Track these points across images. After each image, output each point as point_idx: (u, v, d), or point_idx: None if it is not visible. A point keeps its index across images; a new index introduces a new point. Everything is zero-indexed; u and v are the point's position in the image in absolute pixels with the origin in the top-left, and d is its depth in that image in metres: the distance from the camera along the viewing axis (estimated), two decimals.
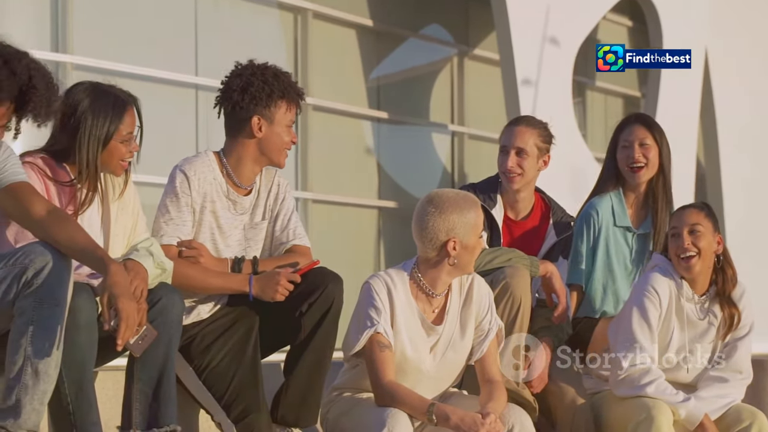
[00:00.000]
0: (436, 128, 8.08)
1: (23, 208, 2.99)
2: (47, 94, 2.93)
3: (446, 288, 3.44)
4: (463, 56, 8.22)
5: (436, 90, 8.10)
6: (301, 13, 7.15)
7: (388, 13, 7.66)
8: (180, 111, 6.50)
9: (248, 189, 3.63)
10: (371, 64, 7.63)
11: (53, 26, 6.02)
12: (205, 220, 3.54)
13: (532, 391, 3.78)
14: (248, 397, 3.43)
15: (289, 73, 3.61)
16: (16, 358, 2.88)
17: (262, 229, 3.65)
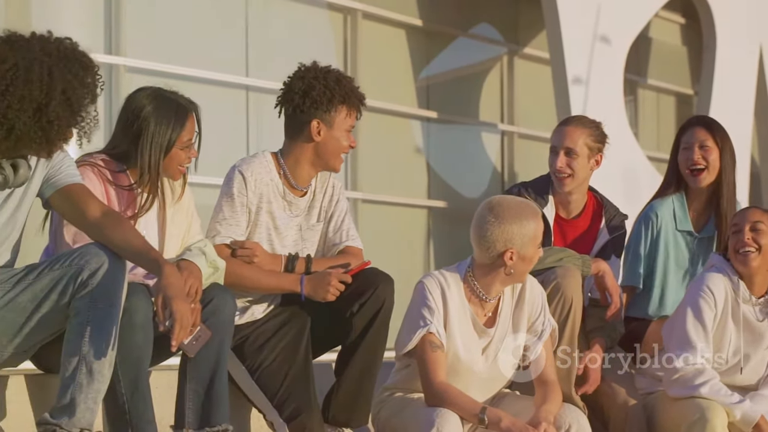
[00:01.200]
0: (486, 127, 8.05)
1: (79, 210, 3.03)
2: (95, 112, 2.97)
3: (499, 293, 3.42)
4: (513, 55, 8.18)
5: (485, 89, 8.07)
6: (351, 14, 7.16)
7: (438, 13, 7.65)
8: (231, 112, 6.54)
9: (304, 190, 3.64)
10: (420, 64, 7.62)
11: (106, 29, 6.08)
12: (261, 220, 3.56)
13: (584, 392, 3.76)
14: (300, 397, 3.45)
15: (351, 78, 3.62)
16: (71, 358, 2.92)
17: (318, 231, 3.66)
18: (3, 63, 2.84)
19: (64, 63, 2.89)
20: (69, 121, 2.89)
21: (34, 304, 2.95)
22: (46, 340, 3.03)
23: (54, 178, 3.05)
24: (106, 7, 6.08)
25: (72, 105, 2.88)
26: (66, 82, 2.87)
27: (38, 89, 2.84)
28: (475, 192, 7.92)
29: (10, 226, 3.03)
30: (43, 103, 2.85)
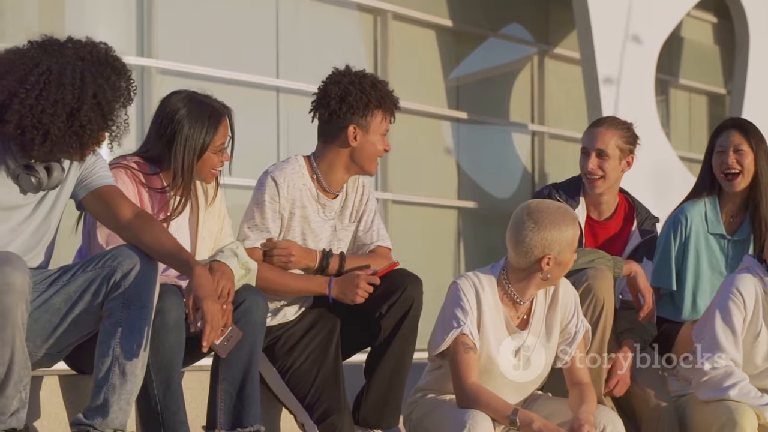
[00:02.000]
0: (516, 128, 8.03)
1: (111, 212, 3.05)
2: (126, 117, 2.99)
3: (533, 296, 3.42)
4: (544, 55, 8.15)
5: (516, 89, 8.05)
6: (381, 15, 7.17)
7: (468, 13, 7.63)
8: (262, 113, 6.57)
9: (336, 193, 3.65)
10: (450, 65, 7.61)
11: (138, 32, 6.13)
12: (295, 225, 3.57)
13: (615, 394, 3.74)
14: (330, 398, 3.45)
15: (385, 82, 3.62)
16: (104, 359, 2.94)
17: (350, 231, 3.68)
18: (36, 67, 2.87)
19: (96, 67, 2.91)
20: (100, 125, 2.91)
21: (68, 306, 2.97)
22: (80, 341, 3.05)
23: (87, 180, 3.08)
24: (138, 9, 6.12)
25: (103, 109, 2.90)
26: (97, 86, 2.89)
27: (70, 93, 2.87)
28: (506, 193, 7.90)
29: (44, 228, 3.06)
30: (75, 107, 2.87)
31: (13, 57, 2.89)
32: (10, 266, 2.72)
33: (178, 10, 6.26)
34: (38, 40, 2.95)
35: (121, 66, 2.95)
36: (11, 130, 2.86)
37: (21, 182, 2.97)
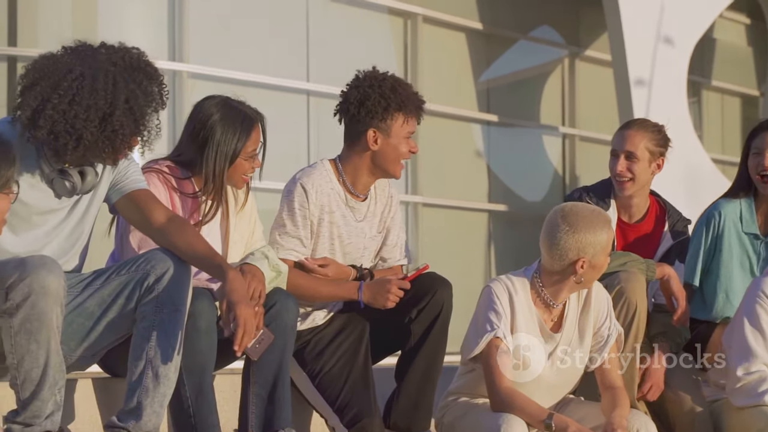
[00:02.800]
0: (547, 130, 8.00)
1: (144, 215, 3.07)
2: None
3: (566, 299, 3.40)
4: (574, 57, 8.12)
5: (546, 92, 8.02)
6: (411, 18, 7.17)
7: (498, 16, 7.62)
8: (292, 117, 6.58)
9: (363, 197, 3.65)
10: (481, 67, 7.60)
11: (170, 36, 6.16)
12: (324, 230, 3.57)
13: (648, 398, 3.72)
14: (360, 402, 3.45)
15: (408, 84, 3.60)
16: (138, 362, 2.95)
17: (377, 241, 3.68)
18: (70, 72, 2.89)
19: (129, 72, 2.92)
20: (132, 129, 2.92)
21: (102, 309, 2.98)
22: (113, 344, 3.06)
23: (120, 184, 3.10)
24: (169, 14, 6.16)
25: (135, 114, 2.91)
26: (129, 91, 2.91)
27: (103, 98, 2.88)
28: (536, 195, 7.88)
29: (77, 232, 3.08)
30: (108, 112, 2.89)
31: (47, 63, 2.91)
32: (46, 270, 2.74)
33: (209, 14, 6.29)
34: (72, 46, 2.96)
35: (153, 71, 2.97)
36: (45, 135, 2.88)
37: (55, 187, 2.99)
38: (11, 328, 2.73)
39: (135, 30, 6.08)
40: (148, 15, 6.17)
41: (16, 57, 5.85)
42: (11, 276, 2.72)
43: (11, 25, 5.88)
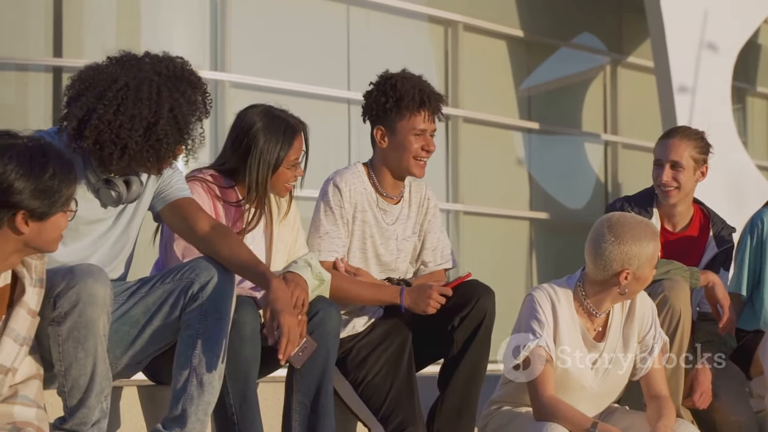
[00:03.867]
0: (589, 138, 7.96)
1: (188, 224, 3.09)
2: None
3: (609, 308, 3.38)
4: (617, 64, 8.07)
5: (588, 99, 7.98)
6: (452, 26, 7.17)
7: (539, 23, 7.60)
8: (333, 125, 6.61)
9: (396, 198, 3.65)
10: (522, 75, 7.58)
11: (212, 46, 6.21)
12: (357, 230, 3.58)
13: (698, 407, 3.68)
14: (405, 410, 3.45)
15: (417, 80, 3.58)
16: (183, 370, 2.97)
17: (411, 243, 3.67)
18: (114, 83, 2.91)
19: (173, 82, 2.94)
20: (177, 139, 2.94)
21: (147, 317, 3.00)
22: (158, 352, 3.08)
23: (164, 192, 3.12)
24: (212, 24, 6.20)
25: (179, 123, 2.93)
26: (173, 100, 2.93)
27: (147, 108, 2.90)
28: (578, 203, 7.84)
29: (122, 241, 3.10)
30: (152, 122, 2.91)
31: (92, 73, 2.94)
32: (93, 278, 2.76)
33: (250, 24, 6.34)
34: (116, 56, 2.99)
35: (196, 80, 2.99)
36: (90, 145, 2.90)
37: (101, 196, 3.02)
38: (59, 336, 2.75)
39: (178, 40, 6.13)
40: (191, 25, 6.22)
41: (61, 68, 5.92)
42: (59, 285, 2.75)
43: (56, 36, 5.95)
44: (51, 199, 2.58)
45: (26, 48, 5.95)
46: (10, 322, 2.66)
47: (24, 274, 2.69)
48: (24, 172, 2.54)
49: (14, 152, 2.55)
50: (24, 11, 5.92)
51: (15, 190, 2.54)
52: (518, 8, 7.51)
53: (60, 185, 2.58)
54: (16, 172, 2.53)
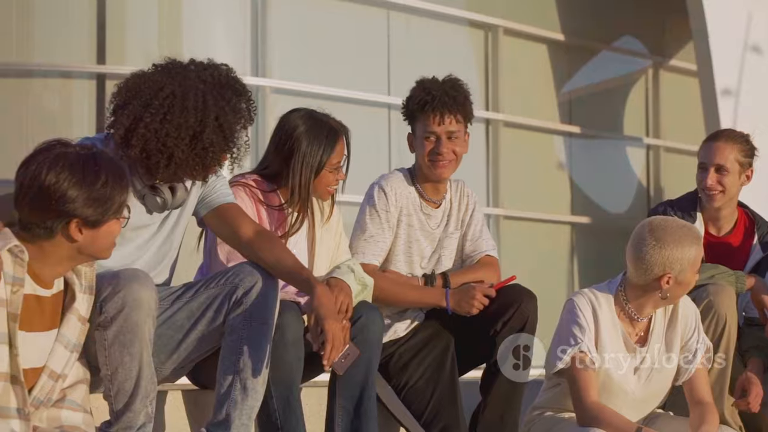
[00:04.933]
0: (631, 141, 7.91)
1: (232, 229, 3.10)
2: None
3: (651, 313, 3.36)
4: (659, 67, 8.02)
5: (630, 102, 7.93)
6: (492, 30, 7.15)
7: (579, 27, 7.56)
8: (374, 130, 6.62)
9: (438, 203, 3.65)
10: (562, 79, 7.55)
11: (253, 52, 6.25)
12: (401, 233, 3.59)
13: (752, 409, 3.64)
14: (448, 415, 3.44)
15: (433, 82, 3.58)
16: (227, 375, 2.98)
17: (455, 239, 3.67)
18: (161, 91, 2.93)
19: (218, 90, 2.96)
20: (222, 147, 2.96)
21: (191, 322, 3.02)
22: (202, 356, 3.10)
23: (208, 198, 3.14)
24: (252, 30, 6.24)
25: (225, 131, 2.95)
26: (219, 108, 2.94)
27: (193, 117, 2.92)
28: (620, 207, 7.79)
29: (167, 246, 3.12)
30: (198, 130, 2.92)
31: (138, 81, 2.96)
32: (138, 283, 2.78)
33: (291, 29, 6.36)
34: (162, 63, 3.01)
35: (241, 87, 3.00)
36: (137, 153, 2.92)
37: (147, 202, 3.04)
38: (105, 340, 2.78)
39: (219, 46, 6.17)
40: (232, 31, 6.26)
41: (104, 74, 5.98)
42: (105, 289, 2.77)
43: (100, 43, 6.01)
44: (104, 207, 2.60)
45: (70, 55, 6.01)
46: (61, 329, 2.69)
47: (74, 281, 2.72)
48: (77, 180, 2.56)
49: (67, 161, 2.57)
50: (67, 19, 5.99)
51: (68, 198, 2.56)
52: (558, 11, 7.48)
53: (112, 192, 2.60)
54: (69, 180, 2.56)
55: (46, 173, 2.55)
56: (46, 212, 2.56)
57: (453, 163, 3.57)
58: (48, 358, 2.67)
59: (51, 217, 2.57)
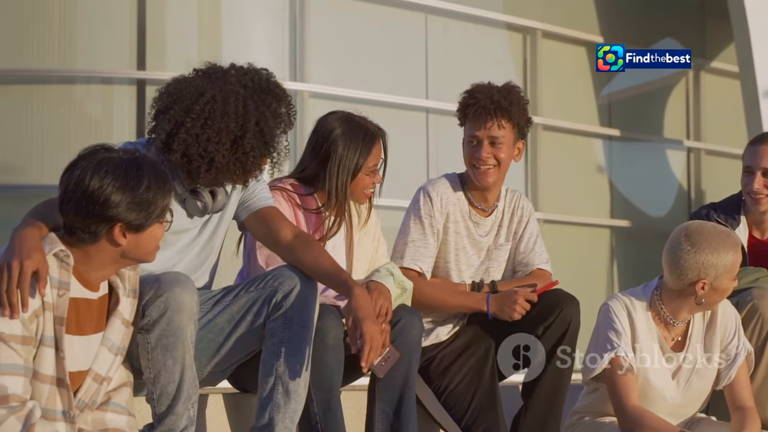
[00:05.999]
0: (671, 144, 7.85)
1: (271, 232, 3.11)
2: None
3: (687, 318, 3.33)
4: (699, 69, 7.95)
5: (670, 105, 7.88)
6: (530, 33, 7.13)
7: (619, 29, 7.52)
8: (411, 134, 6.61)
9: (489, 211, 3.63)
10: (602, 81, 7.51)
11: (291, 56, 6.27)
12: (449, 240, 3.57)
13: None
14: (488, 419, 3.43)
15: (502, 86, 3.54)
16: (268, 378, 2.98)
17: (506, 251, 3.64)
18: (202, 96, 2.94)
19: (258, 95, 2.96)
20: (262, 151, 2.97)
21: (231, 325, 3.03)
22: (243, 359, 3.10)
23: (248, 202, 3.15)
24: (290, 35, 6.27)
25: (265, 136, 2.96)
26: (259, 113, 2.95)
27: (234, 122, 2.93)
28: (660, 211, 7.73)
29: (207, 250, 3.14)
30: (239, 135, 2.93)
31: (179, 86, 2.98)
32: (180, 286, 2.80)
33: (329, 34, 6.38)
34: (203, 68, 3.02)
35: (281, 92, 3.01)
36: (179, 158, 2.94)
37: (188, 206, 3.06)
38: (148, 343, 2.79)
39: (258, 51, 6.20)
40: (271, 36, 6.29)
41: (144, 80, 6.03)
42: (147, 293, 2.79)
43: (140, 49, 6.06)
44: (147, 211, 2.62)
45: (111, 61, 6.07)
46: (106, 332, 2.71)
47: (118, 285, 2.74)
48: (120, 185, 2.58)
49: (110, 166, 2.59)
50: (108, 26, 6.05)
51: (112, 203, 2.58)
52: (597, 14, 7.44)
53: (155, 197, 2.62)
54: (112, 185, 2.58)
55: (89, 178, 2.57)
56: (90, 217, 2.58)
57: (495, 170, 3.52)
58: (93, 361, 2.69)
59: (95, 222, 2.59)
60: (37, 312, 2.56)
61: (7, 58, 5.99)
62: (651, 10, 7.69)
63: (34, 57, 5.99)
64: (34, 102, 6.01)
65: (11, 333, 2.52)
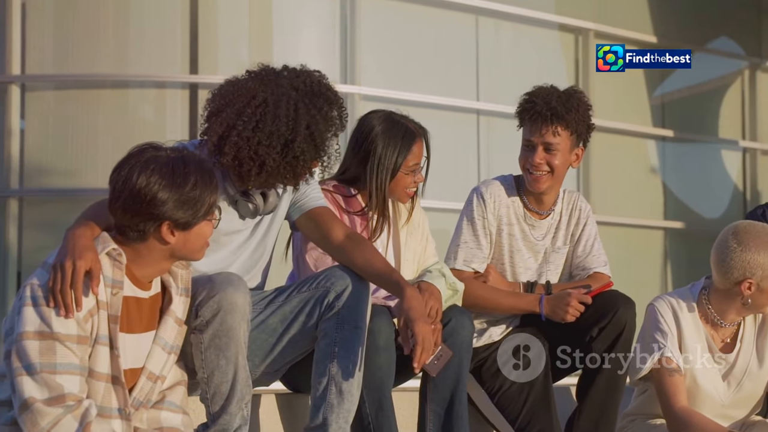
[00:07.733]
0: (726, 145, 7.74)
1: (323, 233, 3.11)
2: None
3: (736, 320, 3.27)
4: (756, 68, 7.84)
5: (725, 105, 7.77)
6: (583, 34, 7.08)
7: (672, 28, 7.44)
8: (462, 136, 6.60)
9: (546, 213, 3.60)
10: (655, 81, 7.43)
11: (342, 58, 6.28)
12: (503, 242, 3.55)
13: None
14: (542, 421, 3.41)
15: (562, 92, 3.49)
16: (322, 378, 2.99)
17: (563, 254, 3.61)
18: (253, 99, 2.95)
19: (310, 98, 2.96)
20: (313, 155, 2.97)
21: (284, 326, 3.04)
22: (295, 360, 3.11)
23: (300, 202, 3.15)
24: (341, 37, 6.28)
25: (315, 140, 2.95)
26: (310, 117, 2.94)
27: (285, 125, 2.93)
28: (715, 212, 7.63)
29: (260, 251, 3.15)
30: (290, 138, 2.93)
31: (231, 89, 2.99)
32: (233, 287, 2.81)
33: (380, 37, 6.39)
34: (255, 70, 3.03)
35: (333, 95, 3.00)
36: (230, 161, 2.94)
37: (239, 208, 3.07)
38: (201, 343, 2.81)
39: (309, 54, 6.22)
40: (322, 39, 6.31)
41: (197, 84, 6.08)
42: (200, 293, 2.81)
43: (192, 53, 6.12)
44: (194, 209, 2.63)
45: (164, 66, 6.13)
46: (159, 331, 2.73)
47: (171, 283, 2.76)
48: (167, 183, 2.60)
49: (157, 164, 2.61)
50: (162, 31, 6.11)
51: (159, 201, 2.60)
52: (650, 13, 7.37)
53: (202, 194, 2.63)
54: (159, 183, 2.59)
55: (137, 177, 2.59)
56: (137, 215, 2.60)
57: (548, 177, 3.47)
58: (146, 360, 2.71)
59: (143, 220, 2.61)
60: (91, 311, 2.58)
61: (63, 63, 6.08)
62: (706, 10, 7.59)
63: (89, 62, 6.06)
64: (89, 107, 6.08)
65: (67, 333, 2.55)
